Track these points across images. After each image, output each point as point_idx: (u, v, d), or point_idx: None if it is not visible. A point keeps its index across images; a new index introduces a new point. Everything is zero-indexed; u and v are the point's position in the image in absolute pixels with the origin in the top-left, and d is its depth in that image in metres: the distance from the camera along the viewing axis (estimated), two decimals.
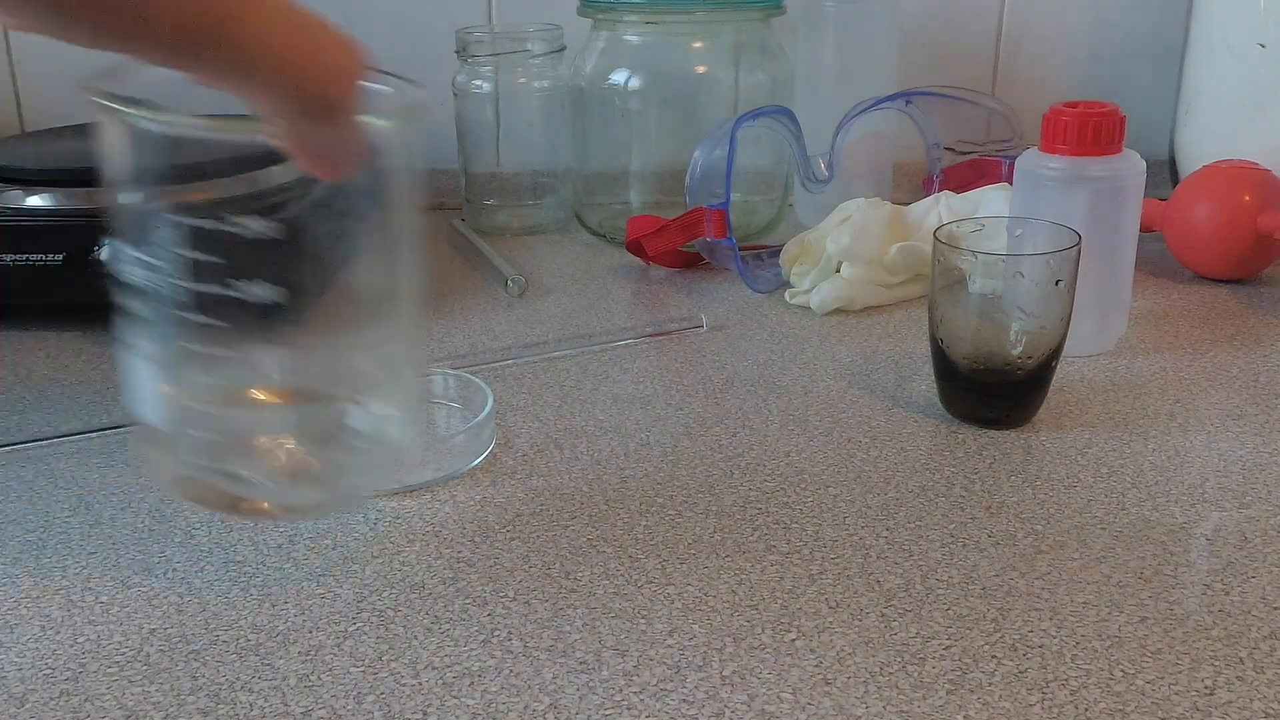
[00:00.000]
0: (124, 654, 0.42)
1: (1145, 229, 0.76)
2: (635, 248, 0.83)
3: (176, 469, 0.44)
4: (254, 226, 0.40)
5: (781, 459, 0.55)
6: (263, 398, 0.45)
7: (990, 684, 0.39)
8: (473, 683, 0.40)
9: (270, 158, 0.85)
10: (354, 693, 0.39)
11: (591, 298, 0.79)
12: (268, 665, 0.41)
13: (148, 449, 0.45)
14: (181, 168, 0.80)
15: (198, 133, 0.40)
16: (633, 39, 0.88)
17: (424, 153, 0.38)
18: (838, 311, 0.72)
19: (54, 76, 1.07)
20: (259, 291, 0.40)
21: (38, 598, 0.45)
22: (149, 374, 0.43)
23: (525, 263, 0.87)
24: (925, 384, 0.63)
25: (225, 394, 0.44)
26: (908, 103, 0.89)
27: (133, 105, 0.40)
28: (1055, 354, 0.57)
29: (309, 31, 0.36)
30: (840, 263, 0.73)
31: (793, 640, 0.42)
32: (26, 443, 0.59)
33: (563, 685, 0.39)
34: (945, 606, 0.43)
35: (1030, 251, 0.57)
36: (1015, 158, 0.67)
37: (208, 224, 0.40)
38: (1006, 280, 0.56)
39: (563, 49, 0.94)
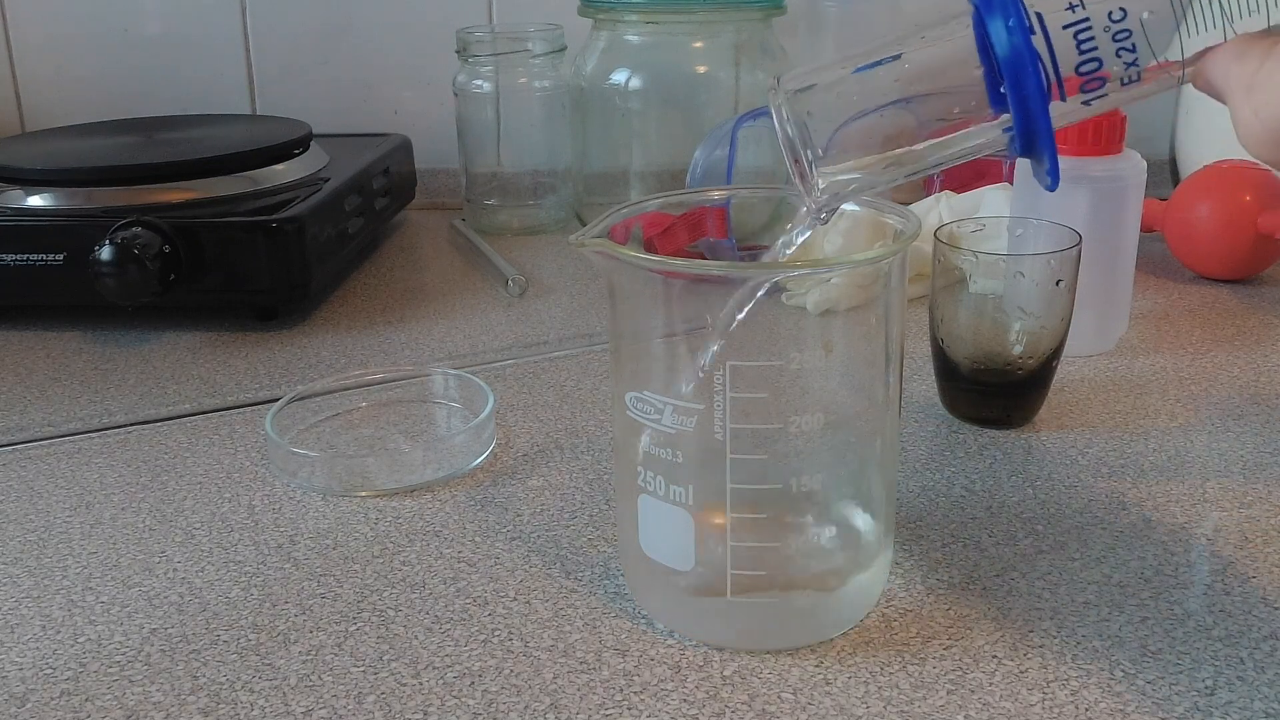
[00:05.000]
0: (125, 654, 0.42)
1: (1146, 229, 0.76)
2: (649, 246, 0.83)
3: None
4: None
5: None
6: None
7: (990, 684, 0.39)
8: (473, 683, 0.40)
9: (270, 157, 0.85)
10: (354, 692, 0.39)
11: (591, 298, 0.79)
12: (268, 665, 0.41)
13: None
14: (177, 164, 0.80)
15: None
16: (633, 39, 0.89)
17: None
18: (831, 311, 0.72)
19: (54, 76, 1.07)
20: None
21: (38, 597, 0.45)
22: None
23: (525, 263, 0.87)
24: (925, 384, 0.63)
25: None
26: (908, 102, 0.89)
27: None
28: (1056, 354, 0.57)
29: None
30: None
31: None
32: (27, 443, 0.59)
33: (563, 685, 0.39)
34: (945, 606, 0.43)
35: (1031, 251, 0.57)
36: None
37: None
38: (1007, 280, 0.56)
39: (563, 49, 0.94)
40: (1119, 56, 0.35)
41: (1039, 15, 0.35)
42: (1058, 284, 0.56)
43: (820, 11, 0.91)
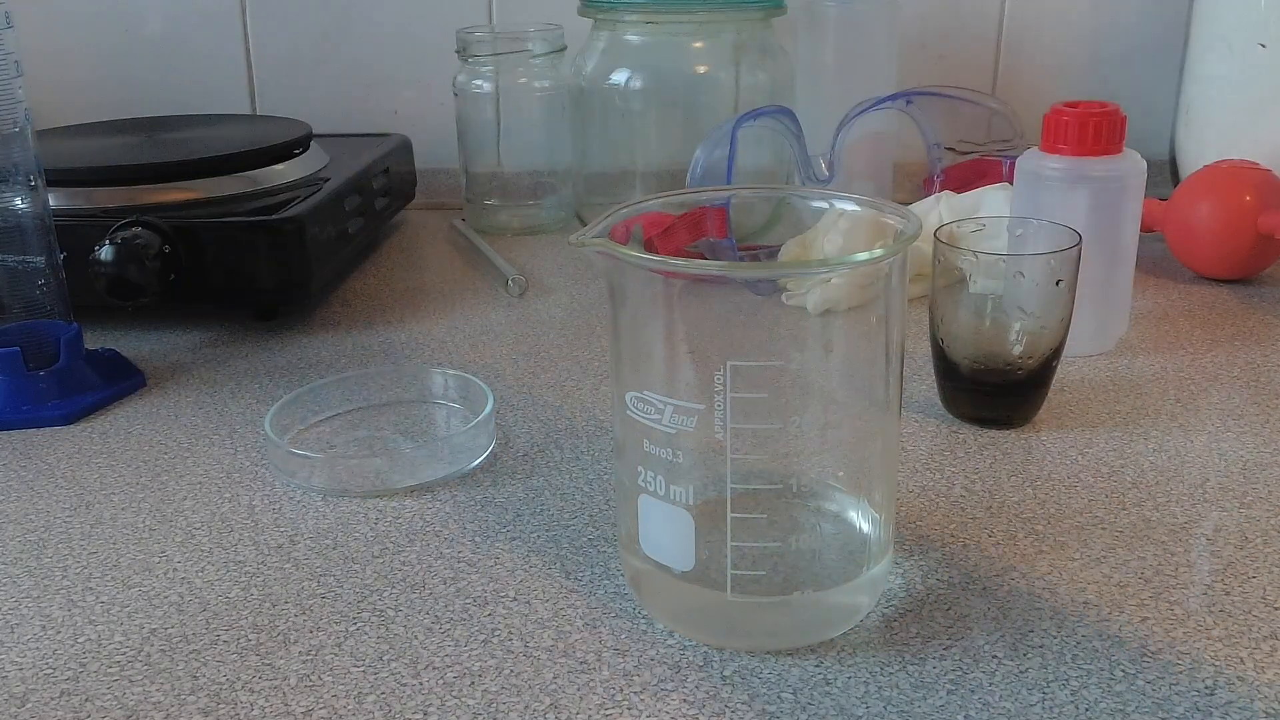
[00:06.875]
0: (124, 654, 0.42)
1: (1146, 229, 0.76)
2: (649, 246, 0.83)
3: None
4: None
5: None
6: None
7: (990, 684, 0.39)
8: (473, 682, 0.40)
9: (270, 157, 0.85)
10: (354, 692, 0.39)
11: (591, 298, 0.79)
12: (268, 665, 0.41)
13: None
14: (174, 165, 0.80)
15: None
16: (633, 39, 0.89)
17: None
18: (831, 311, 0.72)
19: (54, 77, 1.07)
20: None
21: (38, 597, 0.45)
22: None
23: (525, 263, 0.87)
24: (925, 384, 0.63)
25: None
26: (908, 103, 0.89)
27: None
28: (1056, 354, 0.57)
29: None
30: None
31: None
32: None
33: (563, 685, 0.39)
34: (945, 606, 0.43)
35: (1031, 251, 0.57)
36: (1016, 157, 0.67)
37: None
38: (1007, 280, 0.56)
39: (563, 49, 0.94)
40: None
41: None
42: (1058, 284, 0.56)
43: (820, 11, 0.91)
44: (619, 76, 0.88)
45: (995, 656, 0.40)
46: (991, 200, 0.76)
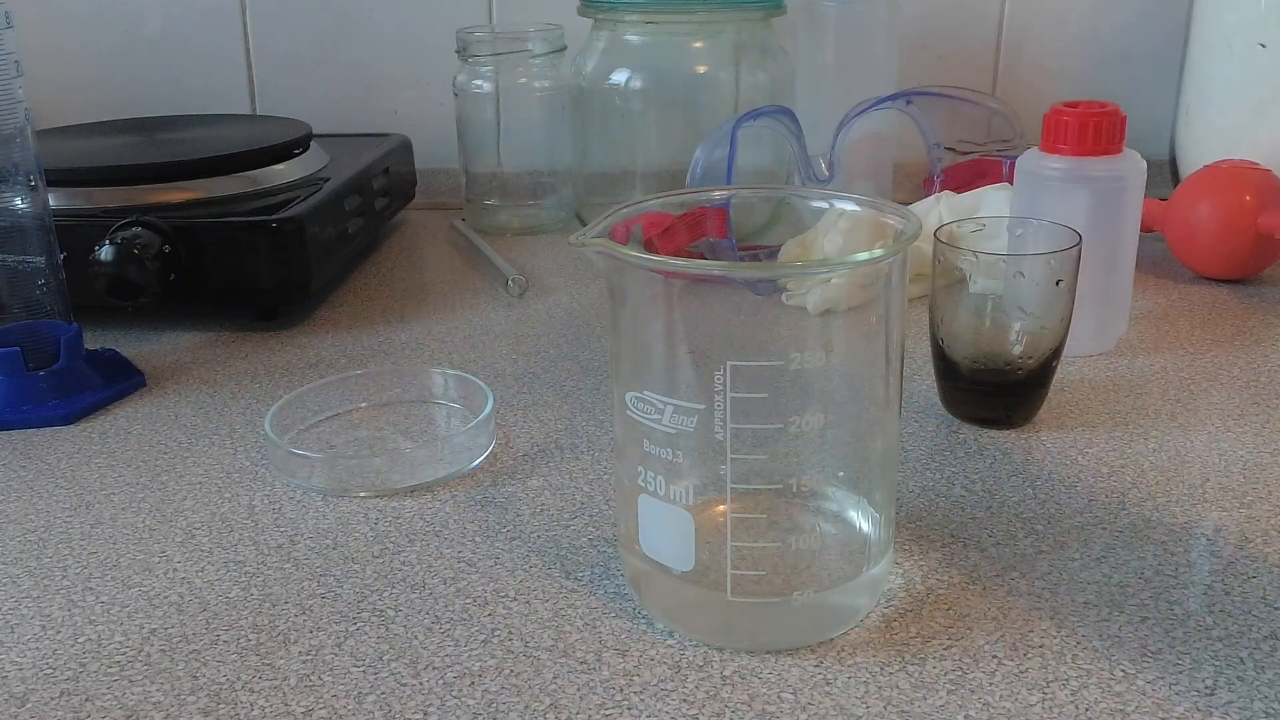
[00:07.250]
0: (124, 654, 0.42)
1: (1146, 229, 0.76)
2: (649, 246, 0.83)
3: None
4: None
5: None
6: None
7: (990, 684, 0.39)
8: (473, 683, 0.40)
9: (270, 157, 0.85)
10: (354, 692, 0.39)
11: (591, 298, 0.79)
12: (268, 665, 0.41)
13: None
14: (174, 165, 0.80)
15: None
16: (633, 39, 0.89)
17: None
18: (831, 311, 0.72)
19: (54, 77, 1.07)
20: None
21: (38, 597, 0.45)
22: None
23: (525, 263, 0.87)
24: (925, 384, 0.63)
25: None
26: (908, 103, 0.89)
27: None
28: (1056, 354, 0.57)
29: None
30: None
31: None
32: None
33: (563, 685, 0.39)
34: (945, 606, 0.43)
35: (1031, 251, 0.57)
36: (1016, 157, 0.67)
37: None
38: (1007, 280, 0.56)
39: (563, 49, 0.94)
40: None
41: None
42: (1058, 284, 0.56)
43: (820, 11, 0.91)
44: (619, 76, 0.88)
45: (995, 656, 0.40)
46: (991, 200, 0.76)
